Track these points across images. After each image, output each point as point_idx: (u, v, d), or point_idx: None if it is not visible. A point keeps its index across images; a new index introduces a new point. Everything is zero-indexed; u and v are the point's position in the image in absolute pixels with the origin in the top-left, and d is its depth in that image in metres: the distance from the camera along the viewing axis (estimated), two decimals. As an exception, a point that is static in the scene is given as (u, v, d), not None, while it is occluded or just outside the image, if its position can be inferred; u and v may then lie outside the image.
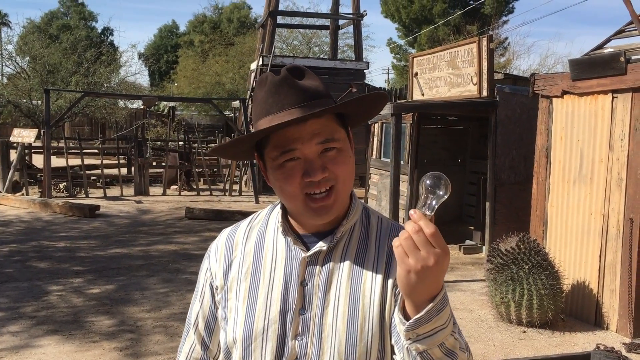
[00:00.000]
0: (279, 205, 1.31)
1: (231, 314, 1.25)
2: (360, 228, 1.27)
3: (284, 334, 1.20)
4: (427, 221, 0.99)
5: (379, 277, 1.21)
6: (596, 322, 5.45)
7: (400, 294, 1.06)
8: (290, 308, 1.21)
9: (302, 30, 28.50)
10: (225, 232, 1.37)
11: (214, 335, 1.33)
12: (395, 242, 1.01)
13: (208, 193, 14.40)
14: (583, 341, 5.09)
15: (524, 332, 5.29)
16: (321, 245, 1.22)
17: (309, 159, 1.15)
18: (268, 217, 1.33)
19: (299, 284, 1.22)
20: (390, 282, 1.21)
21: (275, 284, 1.23)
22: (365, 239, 1.26)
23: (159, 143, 19.08)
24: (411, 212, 1.01)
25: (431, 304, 1.01)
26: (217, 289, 1.30)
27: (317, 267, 1.22)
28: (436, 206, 1.02)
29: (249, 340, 1.21)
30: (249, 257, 1.28)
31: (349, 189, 1.22)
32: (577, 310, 5.68)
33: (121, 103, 26.15)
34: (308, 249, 1.23)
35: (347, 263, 1.23)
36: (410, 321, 1.02)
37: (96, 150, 16.79)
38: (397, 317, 1.07)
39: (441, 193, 1.02)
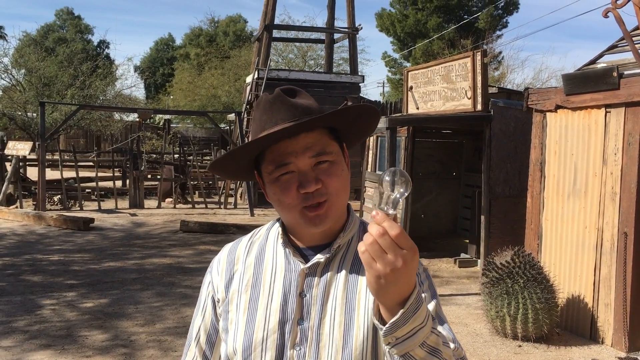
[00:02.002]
0: (280, 221, 1.36)
1: (232, 325, 1.28)
2: (357, 242, 1.30)
3: (283, 344, 1.23)
4: (391, 222, 0.97)
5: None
6: (591, 336, 5.44)
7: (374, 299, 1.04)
8: (289, 318, 1.24)
9: (297, 44, 28.66)
10: (228, 246, 1.41)
11: (215, 349, 1.36)
12: (361, 248, 0.98)
13: (203, 206, 14.36)
14: (578, 355, 5.08)
15: (520, 346, 5.28)
16: (319, 257, 1.25)
17: (303, 172, 1.20)
18: (268, 232, 1.37)
19: (297, 295, 1.25)
20: None
21: (275, 295, 1.27)
22: None
23: (154, 156, 19.06)
24: (373, 213, 0.98)
25: (406, 306, 0.99)
26: (218, 301, 1.33)
27: (315, 278, 1.26)
28: (399, 203, 0.98)
29: (248, 351, 1.24)
30: (250, 270, 1.32)
31: (343, 201, 1.26)
32: (572, 324, 5.67)
33: (117, 116, 26.16)
34: (306, 262, 1.27)
35: (343, 274, 1.26)
36: (387, 325, 1.00)
37: (91, 163, 16.77)
38: (373, 322, 1.06)
39: (402, 190, 0.98)
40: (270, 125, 1.21)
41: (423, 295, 1.11)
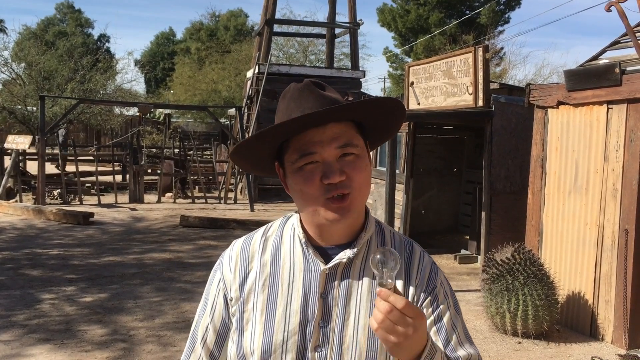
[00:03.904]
0: (294, 218, 1.32)
1: (248, 326, 1.25)
2: (376, 241, 1.29)
3: (304, 346, 1.21)
4: (396, 296, 1.05)
5: (399, 289, 1.23)
6: (591, 333, 5.43)
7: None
8: (310, 320, 1.21)
9: (298, 39, 28.59)
10: (239, 243, 1.35)
11: (225, 348, 1.32)
12: (374, 325, 1.06)
13: (203, 201, 14.35)
14: (578, 352, 5.07)
15: (519, 342, 5.27)
16: (341, 257, 1.23)
17: (328, 162, 1.17)
18: (282, 228, 1.33)
19: (319, 296, 1.22)
20: (410, 294, 1.25)
21: (294, 295, 1.24)
22: None
23: (155, 150, 19.05)
24: (378, 290, 1.06)
25: (421, 359, 1.08)
26: (231, 300, 1.29)
27: (337, 279, 1.23)
28: (394, 275, 1.08)
29: (268, 352, 1.21)
30: (266, 269, 1.28)
31: (365, 196, 1.24)
32: (572, 321, 5.66)
33: (117, 110, 26.12)
34: (326, 261, 1.24)
35: (366, 275, 1.24)
36: None
37: (91, 157, 16.75)
38: None
39: (392, 264, 1.07)
40: (297, 113, 1.18)
41: (457, 327, 1.23)
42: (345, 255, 1.23)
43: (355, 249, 1.24)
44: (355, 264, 1.24)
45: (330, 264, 1.23)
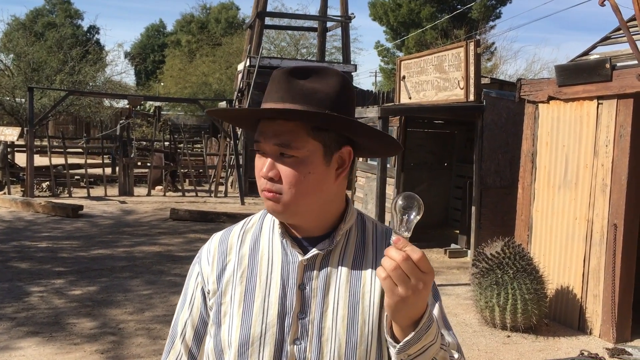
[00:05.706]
0: None
1: (225, 319, 1.23)
2: (356, 232, 1.27)
3: (282, 339, 1.19)
4: (413, 247, 1.01)
5: (378, 280, 1.21)
6: (579, 327, 5.48)
7: (387, 315, 1.08)
8: (289, 312, 1.20)
9: (290, 32, 28.48)
10: (217, 235, 1.34)
11: (203, 345, 1.29)
12: (382, 274, 1.01)
13: (193, 194, 14.30)
14: (566, 346, 5.11)
15: (508, 336, 5.30)
16: (319, 248, 1.22)
17: (267, 156, 1.19)
18: (262, 221, 1.32)
19: (297, 288, 1.21)
20: None
21: (272, 287, 1.22)
22: (362, 243, 1.26)
23: (144, 143, 18.94)
24: (394, 238, 1.01)
25: (419, 326, 1.03)
26: (209, 293, 1.27)
27: (315, 270, 1.22)
28: (412, 227, 1.02)
29: (245, 345, 1.19)
30: (244, 261, 1.26)
31: (303, 200, 1.18)
32: (560, 315, 5.70)
33: (106, 102, 25.95)
34: (305, 253, 1.22)
35: (344, 266, 1.23)
36: (401, 344, 1.05)
37: (80, 150, 16.61)
38: (387, 339, 1.10)
39: (414, 213, 1.02)
40: (268, 99, 1.19)
41: (434, 313, 1.18)
42: (323, 246, 1.21)
43: (335, 240, 1.22)
44: (334, 254, 1.23)
45: (308, 255, 1.21)
